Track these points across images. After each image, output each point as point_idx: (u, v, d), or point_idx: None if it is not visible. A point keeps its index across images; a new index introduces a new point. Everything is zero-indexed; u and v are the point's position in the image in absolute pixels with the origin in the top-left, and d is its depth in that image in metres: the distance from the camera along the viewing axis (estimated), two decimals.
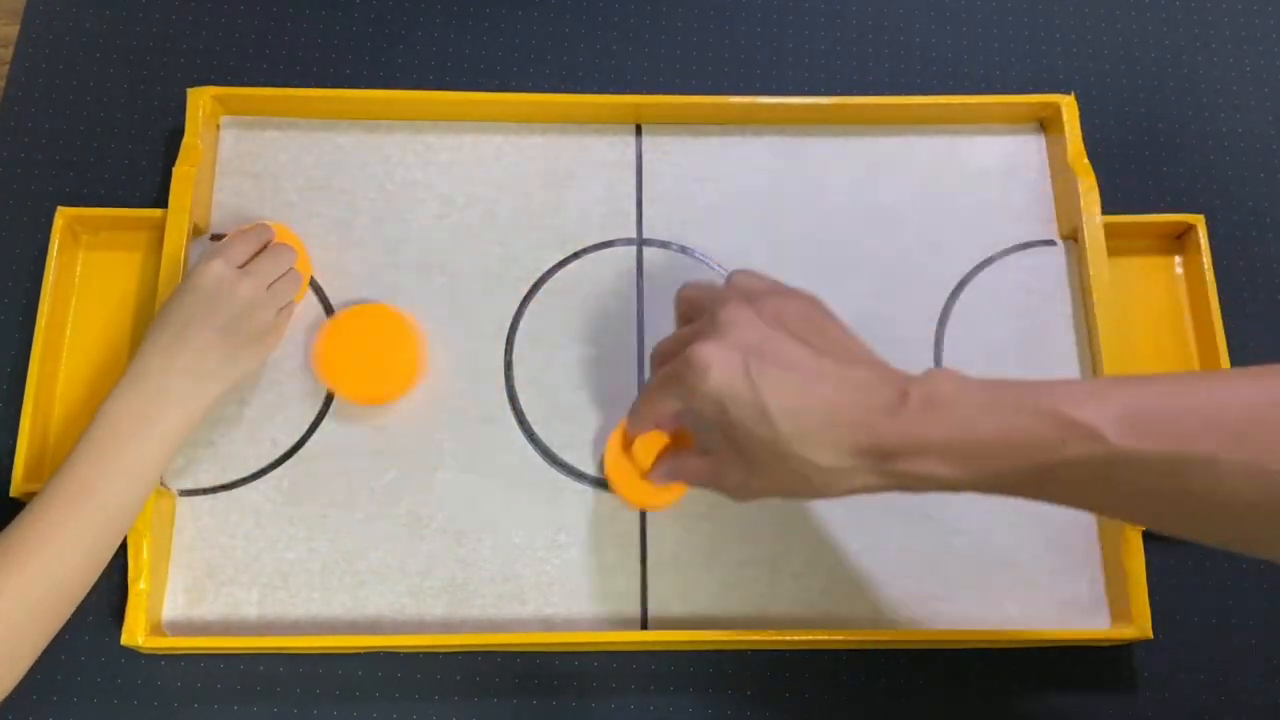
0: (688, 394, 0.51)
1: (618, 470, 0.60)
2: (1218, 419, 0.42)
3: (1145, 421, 0.43)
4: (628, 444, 0.60)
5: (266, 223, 0.64)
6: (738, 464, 0.52)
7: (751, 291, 0.53)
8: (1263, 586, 0.63)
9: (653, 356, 0.57)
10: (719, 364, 0.49)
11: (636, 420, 0.58)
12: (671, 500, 0.61)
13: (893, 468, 0.48)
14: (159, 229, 0.65)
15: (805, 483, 0.50)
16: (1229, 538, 0.44)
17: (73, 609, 0.53)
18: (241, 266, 0.60)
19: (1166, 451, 0.42)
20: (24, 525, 0.52)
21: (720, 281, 0.56)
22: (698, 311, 0.55)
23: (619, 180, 0.69)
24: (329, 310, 0.65)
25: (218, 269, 0.59)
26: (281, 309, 0.62)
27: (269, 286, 0.61)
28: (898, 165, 0.70)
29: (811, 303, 0.53)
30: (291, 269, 0.63)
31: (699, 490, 0.63)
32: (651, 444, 0.60)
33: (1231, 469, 0.41)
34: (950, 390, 0.47)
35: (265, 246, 0.62)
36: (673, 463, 0.58)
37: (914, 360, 0.65)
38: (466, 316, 0.66)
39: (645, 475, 0.60)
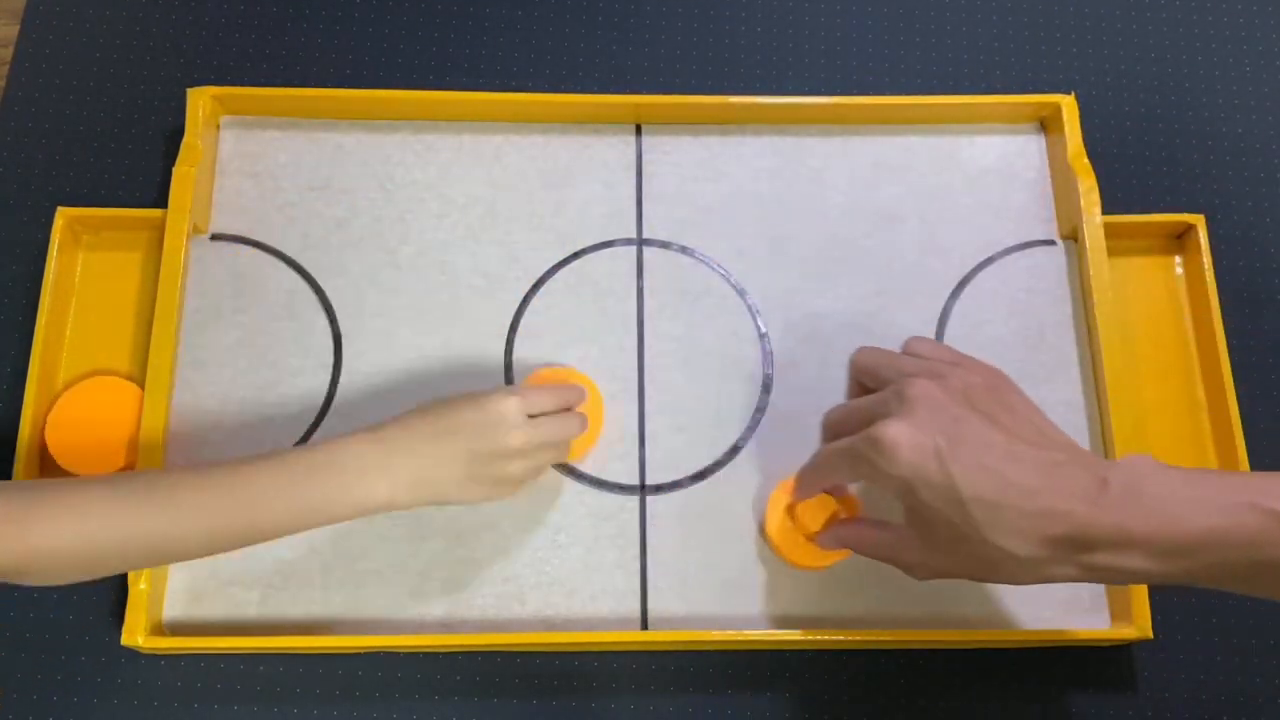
0: (873, 473, 0.50)
1: (781, 532, 0.60)
2: None
3: None
4: (790, 506, 0.60)
5: (580, 382, 0.63)
6: (919, 543, 0.52)
7: (936, 365, 0.52)
8: None
9: (825, 423, 0.56)
10: (909, 447, 0.48)
11: (807, 486, 0.58)
12: (834, 561, 0.60)
13: (1089, 559, 0.47)
14: (159, 229, 0.65)
15: (994, 569, 0.49)
16: None
17: (157, 563, 0.52)
18: (532, 416, 0.57)
19: None
20: (162, 492, 0.50)
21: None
22: (875, 380, 0.54)
23: (619, 180, 0.69)
24: (329, 310, 0.65)
25: (511, 407, 0.56)
26: (535, 468, 0.59)
27: (538, 446, 0.57)
28: (898, 165, 0.70)
29: (998, 377, 0.52)
30: (566, 441, 0.60)
31: (701, 492, 0.63)
32: (818, 507, 0.60)
33: None
34: (1152, 480, 0.46)
35: (566, 407, 0.60)
36: (847, 531, 0.57)
37: None
38: (466, 316, 0.66)
39: (811, 538, 0.60)
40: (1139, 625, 0.59)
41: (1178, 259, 0.69)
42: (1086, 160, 0.67)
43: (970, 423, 0.49)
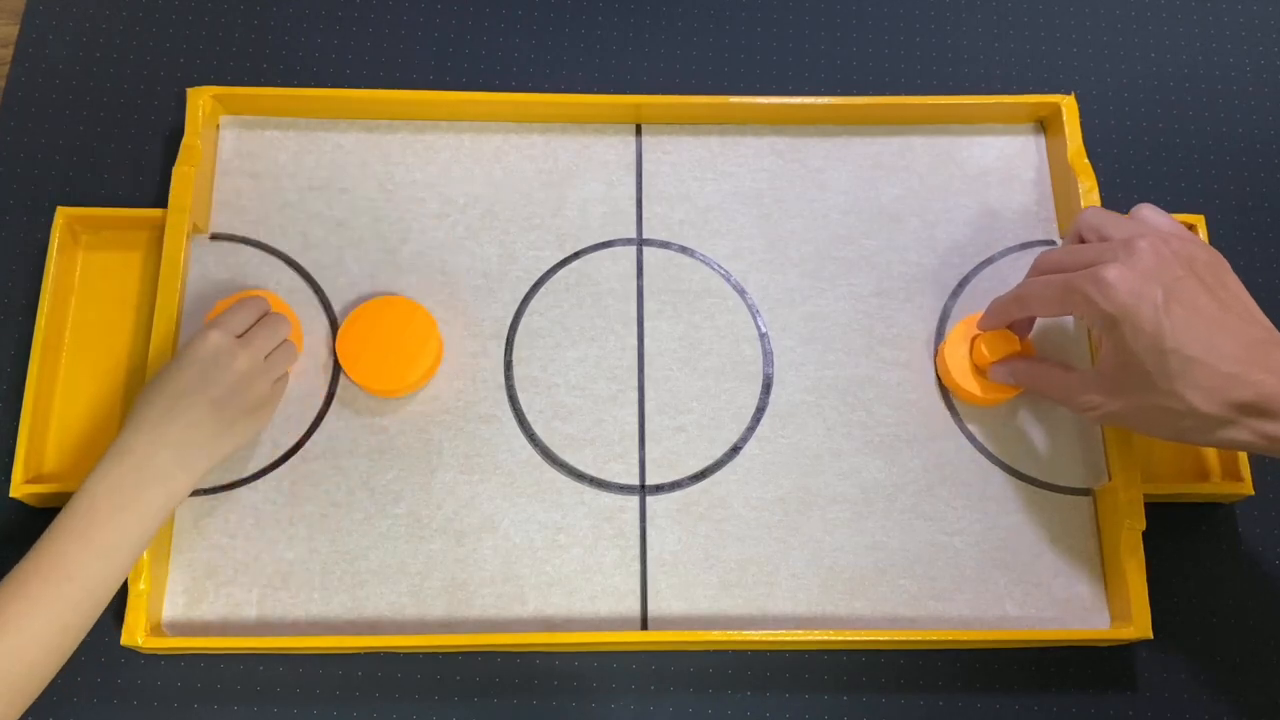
0: (1085, 306, 0.53)
1: (955, 357, 0.63)
2: None
3: None
4: (974, 338, 0.63)
5: (259, 293, 0.63)
6: (1103, 385, 0.55)
7: (1164, 231, 0.55)
8: (1263, 587, 0.63)
9: (1039, 263, 0.59)
10: (1129, 289, 0.52)
11: (1000, 313, 0.61)
12: (999, 399, 0.63)
13: (1266, 427, 0.51)
14: (159, 229, 0.65)
15: (1173, 422, 0.53)
16: None
17: (42, 688, 0.51)
18: (239, 336, 0.59)
19: None
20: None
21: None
22: (1098, 236, 0.57)
23: (619, 180, 0.69)
24: (329, 310, 0.65)
25: (216, 339, 0.57)
26: (277, 380, 0.61)
27: (265, 357, 0.59)
28: (898, 165, 0.70)
29: (1218, 258, 0.55)
30: (287, 340, 0.62)
31: (701, 492, 0.63)
32: (1000, 341, 0.62)
33: None
34: None
35: (263, 316, 0.61)
36: (1023, 366, 0.61)
37: (914, 360, 0.66)
38: (466, 316, 0.66)
39: (984, 369, 0.62)
40: (1139, 625, 0.59)
41: None
42: (1086, 160, 0.67)
43: (1188, 284, 0.52)
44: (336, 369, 0.64)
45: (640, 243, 0.68)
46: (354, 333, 0.63)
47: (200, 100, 0.66)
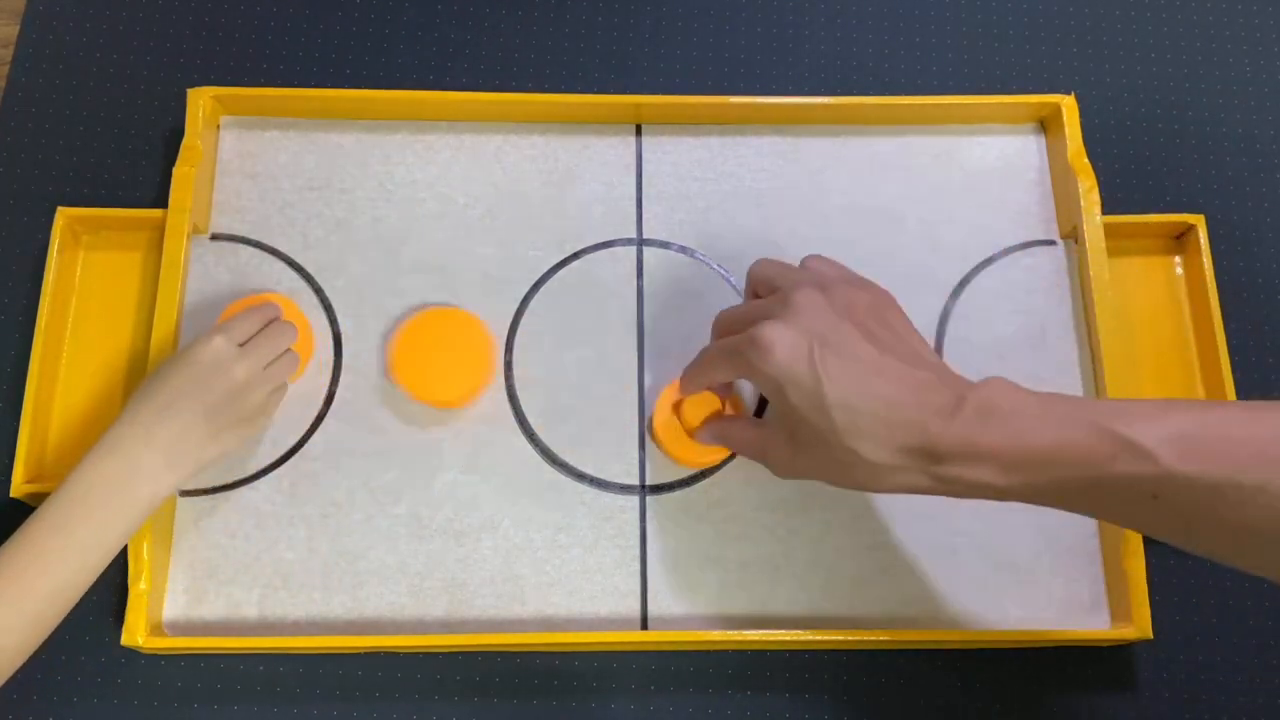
0: (748, 370, 0.53)
1: (666, 428, 0.62)
2: (1270, 449, 0.43)
3: (1197, 445, 0.44)
4: (678, 404, 0.62)
5: (272, 298, 0.63)
6: (787, 442, 0.54)
7: (825, 278, 0.55)
8: (1263, 587, 0.63)
9: (715, 323, 0.58)
10: (784, 346, 0.51)
11: (691, 382, 0.60)
12: (713, 461, 0.63)
13: (941, 471, 0.49)
14: (159, 229, 0.65)
15: (849, 473, 0.51)
16: (1273, 568, 0.44)
17: (7, 676, 0.51)
18: (242, 344, 0.58)
19: (1216, 476, 0.43)
20: None
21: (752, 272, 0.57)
22: (768, 289, 0.56)
23: (619, 180, 0.69)
24: (329, 310, 0.65)
25: (218, 345, 0.57)
26: (274, 390, 0.60)
27: (265, 367, 0.59)
28: (898, 165, 0.70)
29: (882, 297, 0.54)
30: (290, 350, 0.61)
31: (701, 492, 0.63)
32: (701, 404, 0.62)
33: None
34: (1006, 399, 0.48)
35: (269, 323, 0.61)
36: (721, 427, 0.60)
37: None
38: None
39: (692, 434, 0.61)
40: (1139, 625, 0.59)
41: (1178, 259, 0.69)
42: (1086, 160, 0.67)
43: (845, 332, 0.51)
44: (337, 369, 0.64)
45: (640, 243, 0.68)
46: (408, 343, 0.63)
47: (200, 100, 0.66)
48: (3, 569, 0.51)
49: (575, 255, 0.67)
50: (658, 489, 0.63)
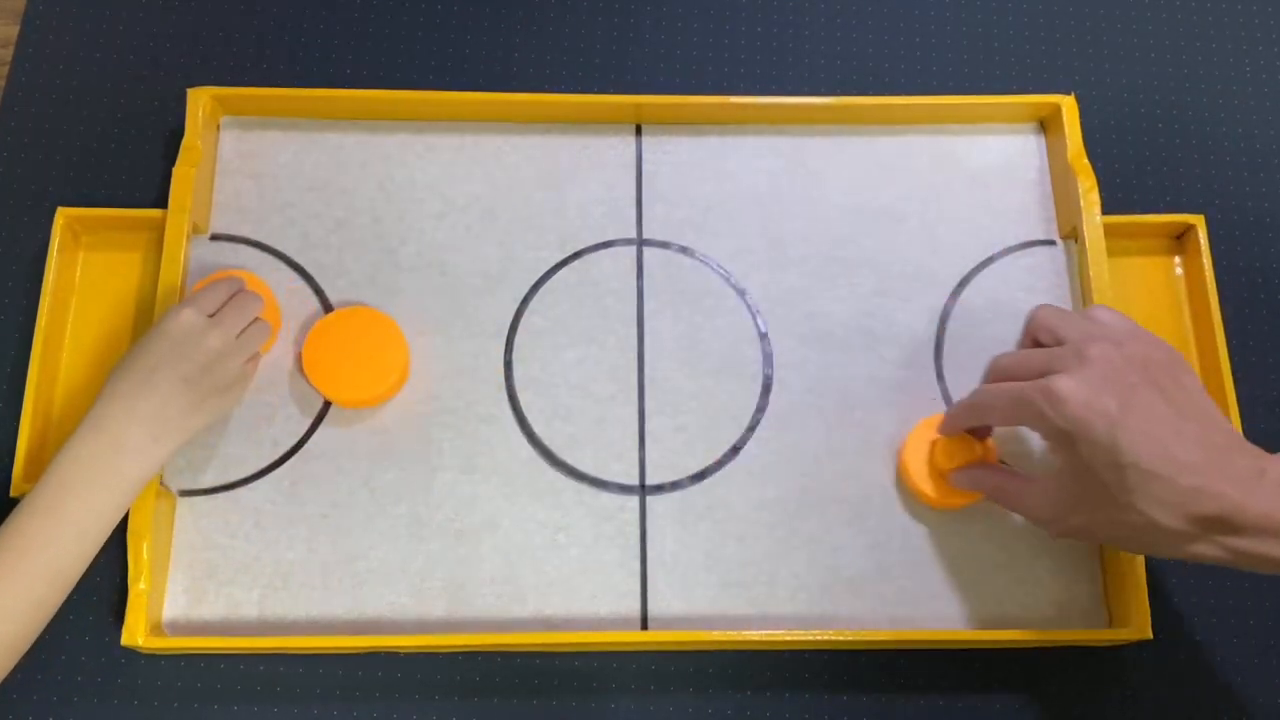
0: (1037, 419, 0.51)
1: (916, 463, 0.61)
2: None
3: None
4: (933, 441, 0.61)
5: (235, 273, 0.63)
6: (1060, 498, 0.53)
7: (1117, 333, 0.53)
8: (1262, 587, 0.63)
9: (992, 367, 0.57)
10: (1080, 400, 0.50)
11: (956, 422, 0.59)
12: (962, 504, 0.61)
13: (1235, 543, 0.48)
14: (159, 229, 0.65)
15: (1134, 536, 0.50)
16: None
17: (15, 661, 0.52)
18: (211, 316, 0.59)
19: None
20: None
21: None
22: (1052, 338, 0.55)
23: (619, 180, 0.69)
24: (329, 310, 0.65)
25: (187, 317, 0.57)
26: (249, 359, 0.60)
27: (237, 336, 0.59)
28: (898, 165, 0.70)
29: (1174, 355, 0.53)
30: (259, 318, 0.61)
31: (701, 492, 0.63)
32: (959, 447, 0.60)
33: None
34: None
35: (234, 296, 0.61)
36: (982, 474, 0.59)
37: (914, 359, 0.66)
38: (466, 316, 0.66)
39: (945, 474, 0.60)
40: (1139, 625, 0.59)
41: (1178, 259, 0.69)
42: (1086, 160, 0.67)
43: (1142, 392, 0.50)
44: None
45: (640, 243, 0.68)
46: (320, 348, 0.62)
47: (200, 100, 0.66)
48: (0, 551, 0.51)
49: (575, 255, 0.67)
50: (658, 489, 0.63)
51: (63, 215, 0.65)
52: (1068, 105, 0.69)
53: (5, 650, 0.51)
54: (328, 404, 0.64)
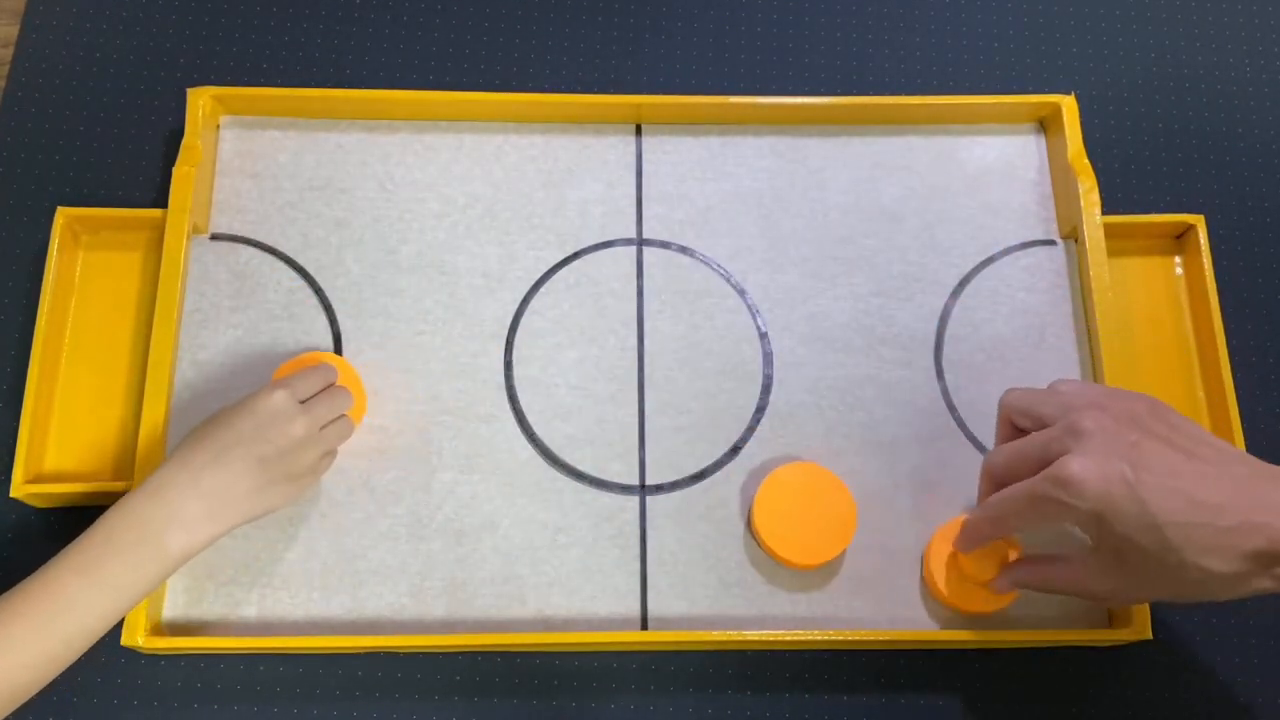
0: (1061, 511, 0.50)
1: (949, 579, 0.59)
2: None
3: None
4: (952, 555, 0.59)
5: (328, 359, 0.62)
6: (1111, 572, 0.51)
7: (1094, 396, 0.52)
8: None
9: (987, 469, 0.55)
10: (1095, 478, 0.48)
11: (980, 538, 0.57)
12: (1005, 605, 0.60)
13: None
14: (159, 229, 0.65)
15: (1195, 589, 0.49)
16: None
17: (20, 705, 0.50)
18: (302, 402, 0.57)
19: None
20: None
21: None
22: (1032, 419, 0.53)
23: (619, 180, 0.69)
24: (329, 310, 0.65)
25: (280, 400, 0.56)
26: (325, 454, 0.59)
27: (322, 428, 0.58)
28: (898, 165, 0.70)
29: (1155, 402, 0.52)
30: (344, 415, 0.60)
31: (701, 492, 0.63)
32: (981, 556, 0.58)
33: None
34: None
35: (329, 385, 0.60)
36: (1024, 572, 0.57)
37: (914, 359, 0.66)
38: (466, 316, 0.66)
39: (986, 584, 0.58)
40: (1139, 625, 0.59)
41: (1178, 259, 0.69)
42: (1086, 160, 0.67)
43: (1149, 446, 0.49)
44: None
45: (640, 243, 0.68)
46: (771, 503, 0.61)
47: (200, 100, 0.66)
48: (25, 604, 0.50)
49: (575, 255, 0.67)
50: (658, 489, 0.63)
51: (63, 215, 0.65)
52: (1068, 105, 0.69)
53: (14, 698, 0.50)
54: None
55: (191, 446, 0.55)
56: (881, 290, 0.67)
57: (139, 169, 0.69)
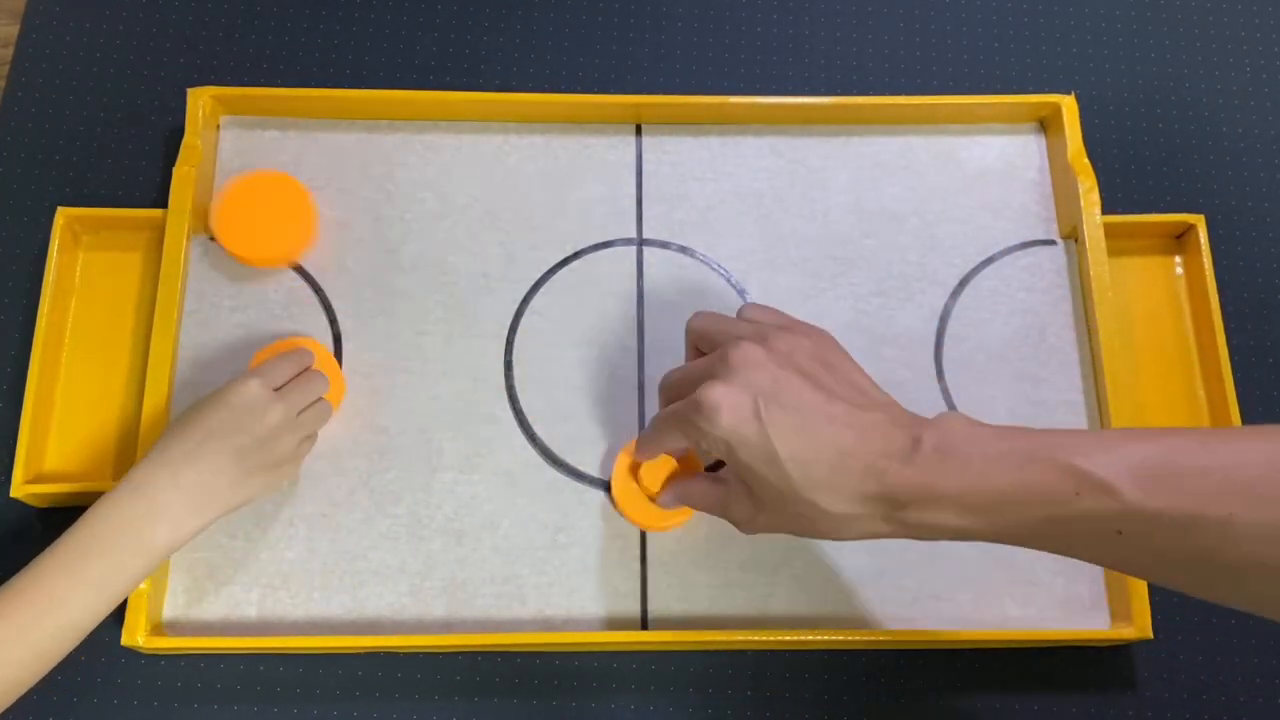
0: (697, 435, 0.51)
1: (625, 493, 0.61)
2: (1234, 478, 0.41)
3: (1160, 478, 0.43)
4: (634, 467, 0.61)
5: (304, 344, 0.63)
6: (746, 499, 0.53)
7: (763, 328, 0.53)
8: None
9: (661, 387, 0.56)
10: (729, 407, 0.49)
11: (644, 450, 0.59)
12: (677, 523, 0.61)
13: (903, 516, 0.48)
14: (159, 229, 0.65)
15: (812, 525, 0.50)
16: (1242, 599, 0.43)
17: (10, 703, 0.51)
18: (277, 389, 0.58)
19: (1181, 510, 0.42)
20: None
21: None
22: (708, 344, 0.54)
23: (619, 180, 0.69)
24: (329, 310, 0.65)
25: (253, 389, 0.56)
26: (304, 439, 0.59)
27: (298, 414, 0.58)
28: (898, 165, 0.70)
29: (823, 340, 0.53)
30: (322, 399, 0.60)
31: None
32: (659, 467, 0.60)
33: (1248, 531, 0.41)
34: (963, 438, 0.47)
35: (303, 371, 0.60)
36: (681, 488, 0.58)
37: (914, 360, 0.66)
38: (466, 316, 0.66)
39: (652, 498, 0.60)
40: (1139, 625, 0.59)
41: (1178, 259, 0.69)
42: (1086, 160, 0.67)
43: (789, 383, 0.50)
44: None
45: (640, 243, 0.68)
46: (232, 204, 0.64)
47: (200, 100, 0.66)
48: (12, 602, 0.50)
49: (575, 255, 0.67)
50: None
51: (63, 215, 0.65)
52: (1068, 105, 0.69)
53: (4, 695, 0.50)
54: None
55: (169, 441, 0.55)
56: (881, 290, 0.67)
57: (139, 169, 0.69)
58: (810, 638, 0.59)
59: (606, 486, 0.63)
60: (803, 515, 0.50)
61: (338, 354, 0.65)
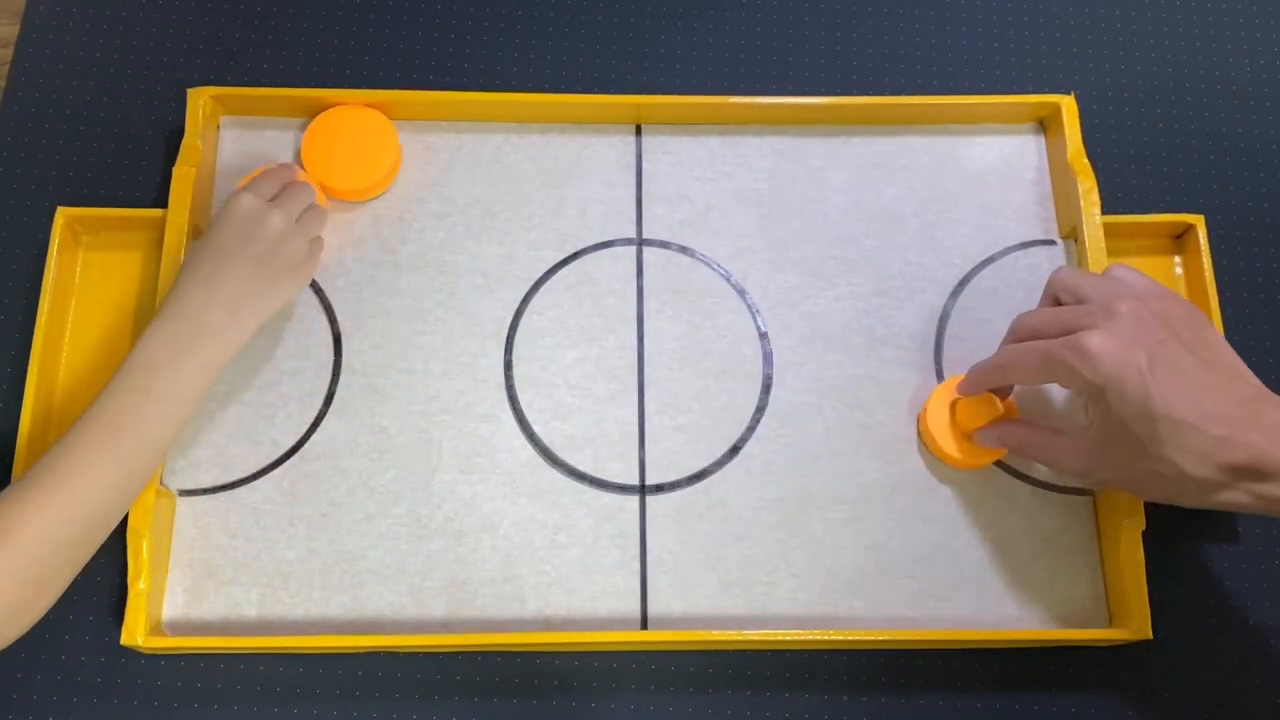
0: (1067, 375, 0.53)
1: (938, 424, 0.62)
2: None
3: None
4: (953, 403, 0.62)
5: (287, 163, 0.66)
6: (1092, 451, 0.55)
7: (1139, 290, 0.55)
8: (1262, 587, 0.63)
9: (1016, 327, 0.58)
10: (1111, 356, 0.51)
11: (977, 383, 0.60)
12: (983, 463, 0.62)
13: (1262, 489, 0.50)
14: (159, 229, 0.65)
15: (1165, 485, 0.53)
16: None
17: (105, 536, 0.54)
18: (269, 201, 0.61)
19: None
20: (58, 455, 0.52)
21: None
22: (1074, 297, 0.56)
23: (619, 180, 0.69)
24: (329, 310, 0.65)
25: (248, 201, 0.59)
26: (312, 241, 0.62)
27: (297, 219, 0.61)
28: (898, 165, 0.70)
29: (1195, 311, 0.55)
30: (315, 203, 0.64)
31: (701, 492, 0.63)
32: (981, 406, 0.61)
33: None
34: None
35: (288, 184, 0.63)
36: (1008, 430, 0.60)
37: (914, 359, 0.66)
38: (466, 316, 0.66)
39: (968, 434, 0.61)
40: (1139, 625, 0.59)
41: (1178, 259, 0.69)
42: (1086, 160, 0.67)
43: (1170, 347, 0.52)
44: (337, 369, 0.64)
45: (640, 243, 0.68)
46: (319, 137, 0.66)
47: (200, 100, 0.66)
48: (88, 426, 0.52)
49: (575, 255, 0.67)
50: (658, 489, 0.63)
51: (63, 215, 0.65)
52: (1068, 105, 0.69)
53: (101, 524, 0.53)
54: (328, 403, 0.64)
55: (192, 265, 0.58)
56: (881, 290, 0.67)
57: (139, 169, 0.69)
58: (810, 638, 0.59)
59: (606, 486, 0.63)
60: (1159, 474, 0.52)
61: (338, 353, 0.65)
